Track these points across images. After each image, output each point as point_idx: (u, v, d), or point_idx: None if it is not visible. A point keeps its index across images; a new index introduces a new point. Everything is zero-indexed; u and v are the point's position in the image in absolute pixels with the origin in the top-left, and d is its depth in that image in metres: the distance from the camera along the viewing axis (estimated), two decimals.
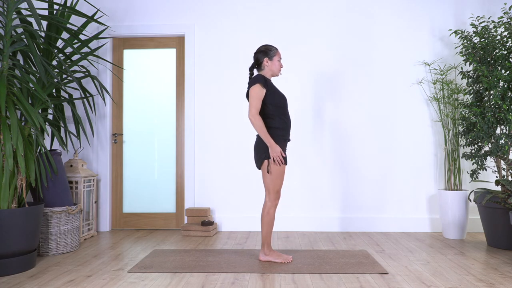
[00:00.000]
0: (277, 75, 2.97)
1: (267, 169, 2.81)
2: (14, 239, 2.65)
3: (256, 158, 2.89)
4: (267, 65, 2.91)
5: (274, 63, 2.91)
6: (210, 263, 2.87)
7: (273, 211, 2.87)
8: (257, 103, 2.78)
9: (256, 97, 2.78)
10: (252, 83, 2.81)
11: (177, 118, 4.24)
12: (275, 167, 2.81)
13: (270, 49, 2.91)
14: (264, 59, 2.90)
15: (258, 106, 2.79)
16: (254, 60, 2.95)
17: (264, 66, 2.91)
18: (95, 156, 4.16)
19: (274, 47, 2.93)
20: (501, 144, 3.31)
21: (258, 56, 2.92)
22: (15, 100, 2.83)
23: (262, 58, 2.91)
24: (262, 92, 2.79)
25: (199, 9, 4.19)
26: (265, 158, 2.82)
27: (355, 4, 4.13)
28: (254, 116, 2.77)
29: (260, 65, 2.93)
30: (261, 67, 2.93)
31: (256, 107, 2.77)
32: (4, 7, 3.07)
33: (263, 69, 2.93)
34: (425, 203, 4.05)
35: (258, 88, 2.79)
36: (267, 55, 2.90)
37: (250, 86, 2.81)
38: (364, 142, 4.09)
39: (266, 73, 2.93)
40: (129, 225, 4.22)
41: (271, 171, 2.81)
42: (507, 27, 3.40)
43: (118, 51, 4.28)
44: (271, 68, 2.92)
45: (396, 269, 2.73)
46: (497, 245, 3.33)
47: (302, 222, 4.07)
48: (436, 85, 4.07)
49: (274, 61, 2.91)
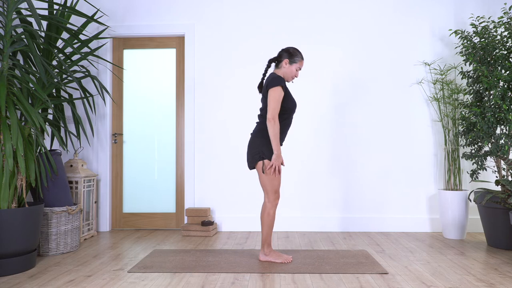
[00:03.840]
0: (287, 80, 2.95)
1: (263, 170, 2.81)
2: (14, 239, 2.65)
3: (250, 158, 2.87)
4: (285, 67, 2.89)
5: (292, 69, 2.89)
6: (210, 263, 2.87)
7: (273, 211, 2.86)
8: (277, 106, 2.75)
9: (278, 99, 2.75)
10: (273, 83, 2.76)
11: (177, 118, 4.24)
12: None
13: (296, 54, 2.89)
14: (285, 60, 2.88)
15: (278, 109, 2.77)
16: (277, 55, 2.93)
17: (282, 66, 2.89)
18: (95, 156, 4.17)
19: (301, 55, 2.90)
20: (501, 144, 3.31)
21: (282, 54, 2.90)
22: (15, 100, 2.83)
23: (284, 57, 2.89)
24: (282, 95, 2.77)
25: (199, 9, 4.19)
26: (260, 159, 2.81)
27: (355, 4, 4.13)
28: (274, 119, 2.74)
29: (279, 63, 2.91)
30: (279, 65, 2.92)
31: (277, 110, 2.75)
32: (4, 7, 3.07)
33: (279, 68, 2.91)
34: (425, 203, 4.05)
35: (280, 90, 2.76)
36: (290, 58, 2.88)
37: (271, 86, 2.76)
38: (364, 142, 4.09)
39: (279, 71, 2.92)
40: (129, 225, 4.22)
41: (267, 172, 2.81)
42: (507, 27, 3.40)
43: (118, 51, 4.28)
44: (286, 71, 2.89)
45: (396, 269, 2.73)
46: (497, 245, 3.33)
47: (302, 222, 4.07)
48: (436, 85, 4.07)
49: (292, 67, 2.89)
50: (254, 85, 4.13)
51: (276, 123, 2.74)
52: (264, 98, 2.87)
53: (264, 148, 2.81)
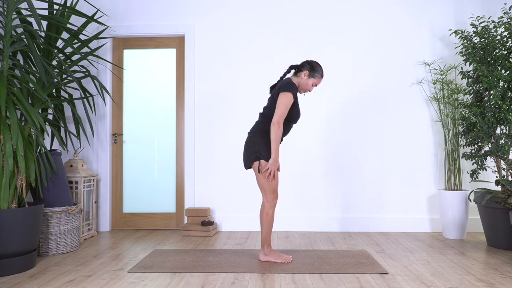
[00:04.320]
0: (300, 91, 2.95)
1: (258, 169, 2.81)
2: (14, 239, 2.65)
3: (246, 158, 2.87)
4: (303, 78, 2.88)
5: (308, 82, 2.88)
6: (210, 263, 2.87)
7: (272, 211, 2.86)
8: (285, 112, 2.75)
9: (287, 105, 2.75)
10: (286, 88, 2.76)
11: (177, 118, 4.24)
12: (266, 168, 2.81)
13: (317, 70, 2.88)
14: (305, 71, 2.87)
15: (285, 115, 2.77)
16: (299, 64, 2.91)
17: (301, 76, 2.88)
18: (95, 156, 4.17)
19: (322, 72, 2.89)
20: (501, 144, 3.31)
21: (305, 65, 2.89)
22: (15, 100, 2.83)
23: (305, 68, 2.88)
24: (291, 102, 2.77)
25: (199, 9, 4.19)
26: (256, 159, 2.81)
27: (355, 4, 4.13)
28: (279, 124, 2.74)
29: (299, 72, 2.89)
30: (297, 74, 2.90)
31: (283, 115, 2.75)
32: (4, 7, 3.07)
33: (297, 76, 2.90)
34: (425, 203, 4.05)
35: (290, 97, 2.76)
36: (311, 71, 2.87)
37: (283, 90, 2.76)
38: (364, 141, 4.09)
39: (295, 80, 2.90)
40: (129, 225, 4.22)
41: (262, 171, 2.81)
42: (507, 27, 3.40)
43: (118, 51, 4.28)
44: (302, 82, 2.89)
45: (396, 269, 2.73)
46: (497, 245, 3.33)
47: (302, 222, 4.07)
48: (436, 85, 4.07)
49: (309, 81, 2.88)
50: (254, 85, 4.14)
51: (280, 128, 2.74)
52: (271, 99, 2.86)
53: (260, 148, 2.81)
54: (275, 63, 4.13)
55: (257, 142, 2.83)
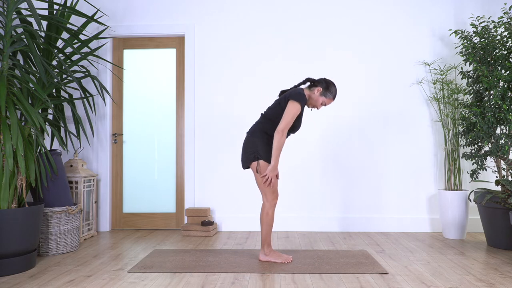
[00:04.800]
0: (308, 105, 2.93)
1: (257, 169, 2.81)
2: (14, 239, 2.65)
3: (244, 158, 2.87)
4: (315, 93, 2.86)
5: (318, 99, 2.86)
6: (210, 263, 2.87)
7: (272, 211, 2.86)
8: (291, 121, 2.74)
9: (294, 114, 2.74)
10: (296, 98, 2.74)
11: (177, 118, 4.24)
12: (265, 168, 2.81)
13: (331, 91, 2.86)
14: (319, 88, 2.85)
15: (291, 124, 2.76)
16: (316, 80, 2.89)
17: (314, 91, 2.86)
18: (95, 156, 4.17)
19: (334, 94, 2.88)
20: (501, 144, 3.31)
21: (321, 82, 2.86)
22: (15, 100, 2.83)
23: (320, 85, 2.86)
24: (299, 112, 2.76)
25: (199, 9, 4.19)
26: (254, 159, 2.81)
27: (356, 4, 4.13)
28: (283, 132, 2.73)
29: (313, 87, 2.88)
30: (311, 88, 2.89)
31: (289, 124, 2.74)
32: (4, 7, 3.07)
33: (310, 90, 2.89)
34: (425, 203, 4.05)
35: (299, 107, 2.74)
36: (324, 90, 2.85)
37: (293, 98, 2.75)
38: (364, 141, 4.09)
39: (307, 92, 2.88)
40: (129, 225, 4.22)
41: (261, 172, 2.81)
42: (507, 27, 3.40)
43: (118, 51, 4.28)
44: (313, 97, 2.87)
45: (396, 269, 2.73)
46: (497, 245, 3.33)
47: (302, 222, 4.07)
48: (436, 85, 4.07)
49: (320, 98, 2.86)
50: (255, 85, 4.13)
51: (284, 136, 2.74)
52: (278, 103, 2.85)
53: (259, 148, 2.81)
54: (276, 63, 4.14)
55: (256, 142, 2.82)
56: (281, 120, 2.75)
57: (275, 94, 4.12)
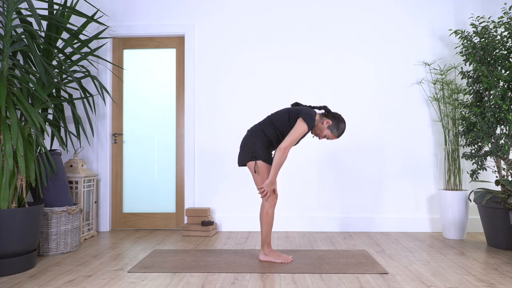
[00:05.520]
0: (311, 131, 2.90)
1: (255, 169, 2.82)
2: (14, 239, 2.65)
3: (241, 155, 2.87)
4: (323, 125, 2.84)
5: (323, 131, 2.84)
6: (210, 263, 2.87)
7: (272, 211, 2.86)
8: (296, 139, 2.74)
9: (300, 134, 2.74)
10: (306, 118, 2.73)
11: (177, 118, 4.24)
12: (263, 168, 2.82)
13: (338, 128, 2.84)
14: (328, 120, 2.83)
15: (295, 142, 2.77)
16: (331, 112, 2.87)
17: (324, 121, 2.84)
18: (95, 156, 4.17)
19: (340, 133, 2.86)
20: (501, 144, 3.31)
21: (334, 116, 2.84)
22: (15, 100, 2.83)
23: (330, 119, 2.84)
24: (305, 133, 2.76)
25: (199, 9, 4.19)
26: (252, 158, 2.82)
27: (356, 4, 4.13)
28: (285, 149, 2.73)
29: (325, 116, 2.87)
30: (323, 116, 2.87)
31: (293, 143, 2.74)
32: (4, 7, 3.07)
33: (321, 118, 2.86)
34: (425, 203, 4.05)
35: (306, 128, 2.74)
36: (333, 125, 2.83)
37: (303, 118, 2.74)
38: (364, 141, 4.09)
39: (317, 118, 2.87)
40: (129, 225, 4.22)
41: (258, 171, 2.82)
42: (507, 27, 3.40)
43: (118, 51, 4.28)
44: (320, 126, 2.85)
45: (396, 269, 2.73)
46: (497, 245, 3.33)
47: (302, 222, 4.07)
48: (436, 85, 4.07)
49: (325, 131, 2.84)
50: (255, 85, 4.13)
51: (285, 154, 2.74)
52: (287, 112, 2.85)
53: (258, 148, 2.82)
54: (276, 63, 4.13)
55: (256, 143, 2.83)
56: (286, 138, 2.75)
57: (275, 94, 4.12)
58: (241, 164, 2.90)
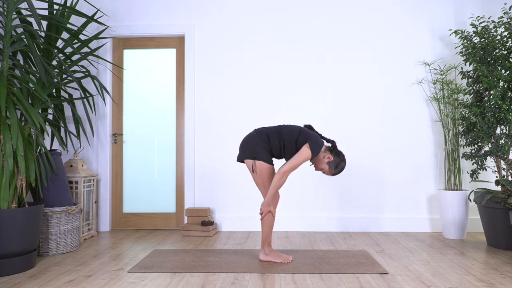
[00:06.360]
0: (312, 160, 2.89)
1: (252, 168, 2.84)
2: (14, 239, 2.65)
3: (241, 152, 2.90)
4: (324, 157, 2.83)
5: (322, 164, 2.84)
6: (210, 263, 2.87)
7: (273, 211, 2.87)
8: (297, 165, 2.76)
9: (303, 160, 2.75)
10: (313, 146, 2.74)
11: (177, 118, 4.24)
12: (261, 168, 2.83)
13: (337, 167, 2.84)
14: (330, 156, 2.83)
15: (296, 168, 2.79)
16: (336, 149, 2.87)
17: (326, 155, 2.83)
18: (95, 156, 4.17)
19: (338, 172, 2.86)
20: (501, 144, 3.31)
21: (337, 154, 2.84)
22: (15, 100, 2.83)
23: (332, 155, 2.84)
24: (307, 160, 2.77)
25: (199, 9, 4.19)
26: (251, 158, 2.84)
27: (356, 4, 4.13)
28: (285, 174, 2.76)
29: (330, 151, 2.87)
30: (327, 151, 2.86)
31: (294, 168, 2.76)
32: (4, 7, 3.07)
33: (325, 151, 2.86)
34: (425, 203, 4.05)
35: (310, 156, 2.75)
36: (333, 161, 2.83)
37: (310, 145, 2.75)
38: (364, 141, 4.09)
39: (323, 149, 2.86)
40: (129, 225, 4.22)
41: (256, 171, 2.84)
42: (507, 27, 3.40)
43: (118, 51, 4.28)
44: (319, 159, 2.85)
45: (396, 269, 2.73)
46: (497, 245, 3.33)
47: (302, 222, 4.07)
48: (436, 85, 4.07)
49: (323, 164, 2.84)
50: (255, 85, 4.13)
51: (284, 178, 2.77)
52: (298, 130, 2.85)
53: (258, 149, 2.84)
54: (276, 63, 4.13)
55: (258, 143, 2.85)
56: (289, 162, 2.76)
57: (275, 93, 4.12)
58: (239, 160, 2.94)
